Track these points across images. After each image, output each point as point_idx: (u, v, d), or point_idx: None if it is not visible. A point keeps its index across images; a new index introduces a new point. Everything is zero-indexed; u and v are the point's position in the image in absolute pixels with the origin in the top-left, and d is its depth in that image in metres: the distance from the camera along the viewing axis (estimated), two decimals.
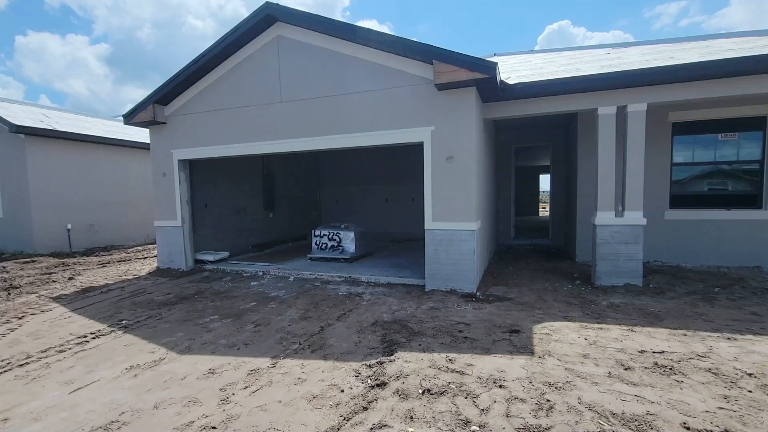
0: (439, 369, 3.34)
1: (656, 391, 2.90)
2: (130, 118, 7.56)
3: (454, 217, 5.72)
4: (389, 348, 3.83)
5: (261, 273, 7.32)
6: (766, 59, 4.90)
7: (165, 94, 7.33)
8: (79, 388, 3.27)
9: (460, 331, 4.19)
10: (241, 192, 9.73)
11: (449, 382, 3.11)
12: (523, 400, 2.82)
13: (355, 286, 6.30)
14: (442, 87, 5.50)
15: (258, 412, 2.85)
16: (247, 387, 3.21)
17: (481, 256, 6.35)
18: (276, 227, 11.03)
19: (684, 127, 6.99)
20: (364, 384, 3.17)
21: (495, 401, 2.83)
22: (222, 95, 7.19)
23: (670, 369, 3.22)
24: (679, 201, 7.13)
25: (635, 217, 5.67)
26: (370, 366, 3.47)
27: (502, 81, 5.63)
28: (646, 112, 5.54)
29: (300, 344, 4.03)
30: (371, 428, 2.58)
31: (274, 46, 6.73)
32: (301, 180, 12.52)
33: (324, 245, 8.35)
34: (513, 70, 7.15)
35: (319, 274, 6.97)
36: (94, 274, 7.67)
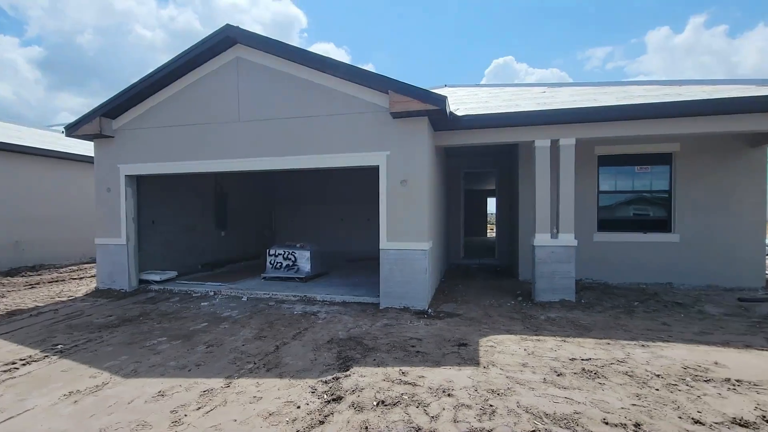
0: (393, 382, 3.52)
1: (583, 392, 3.28)
2: (72, 130, 7.18)
3: (408, 238, 6.02)
4: (345, 364, 3.94)
5: (212, 293, 7.11)
6: (668, 106, 5.79)
7: (114, 108, 7.08)
8: (11, 417, 3.05)
9: (413, 346, 4.40)
10: (191, 210, 9.44)
11: (402, 394, 3.29)
12: (469, 407, 3.07)
13: (311, 305, 6.34)
14: (396, 115, 5.88)
15: (212, 431, 2.84)
16: (200, 408, 3.17)
17: (432, 274, 6.68)
18: (228, 246, 10.75)
19: (608, 160, 7.93)
20: (320, 399, 3.26)
21: (444, 409, 3.05)
22: (177, 111, 7.09)
23: (595, 373, 3.64)
24: (605, 224, 7.99)
25: (568, 238, 6.31)
26: (326, 382, 3.56)
27: (451, 112, 6.12)
28: (575, 146, 6.27)
29: (255, 363, 4.02)
30: None
31: (233, 66, 6.81)
32: (256, 198, 12.36)
33: (279, 264, 8.29)
34: (461, 102, 7.76)
35: (274, 293, 6.92)
36: (21, 296, 7.03)
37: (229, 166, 6.84)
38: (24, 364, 4.08)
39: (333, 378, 3.62)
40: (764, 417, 2.90)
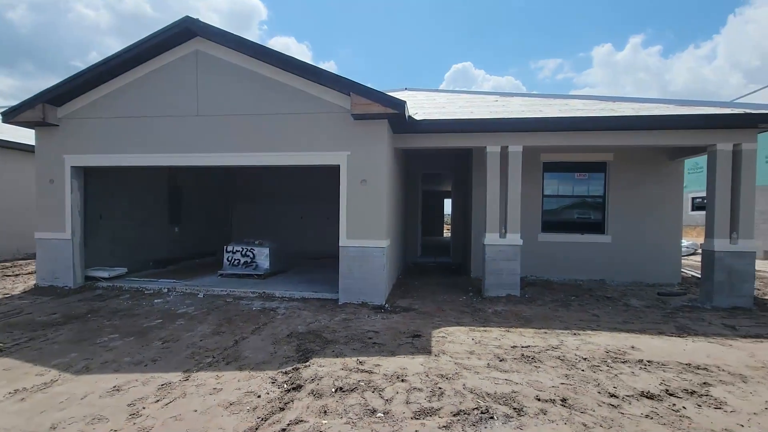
0: (350, 370, 3.73)
1: (520, 375, 3.67)
2: (11, 116, 6.70)
3: (367, 235, 6.25)
4: (304, 356, 4.10)
5: (166, 290, 6.94)
6: (603, 120, 6.46)
7: (60, 94, 6.69)
8: None
9: (370, 338, 4.64)
10: (143, 204, 9.07)
11: (359, 381, 3.51)
12: (420, 390, 3.35)
13: (270, 301, 6.39)
14: (357, 117, 6.09)
15: (172, 422, 2.90)
16: (158, 400, 3.20)
17: (390, 271, 6.96)
18: (183, 243, 10.40)
19: (552, 166, 8.62)
20: (280, 389, 3.40)
21: (397, 392, 3.30)
22: (131, 102, 6.83)
23: (532, 358, 4.07)
24: (548, 226, 8.68)
25: (514, 238, 6.82)
26: (286, 373, 3.71)
27: (410, 116, 6.42)
28: (522, 153, 6.80)
29: (214, 357, 4.07)
30: (288, 424, 2.85)
31: (192, 59, 6.68)
32: (212, 194, 12.04)
33: (237, 261, 8.22)
34: (420, 106, 8.11)
35: (231, 290, 6.88)
36: None
37: (187, 160, 6.70)
38: None
39: (293, 368, 3.77)
40: (667, 391, 3.42)
